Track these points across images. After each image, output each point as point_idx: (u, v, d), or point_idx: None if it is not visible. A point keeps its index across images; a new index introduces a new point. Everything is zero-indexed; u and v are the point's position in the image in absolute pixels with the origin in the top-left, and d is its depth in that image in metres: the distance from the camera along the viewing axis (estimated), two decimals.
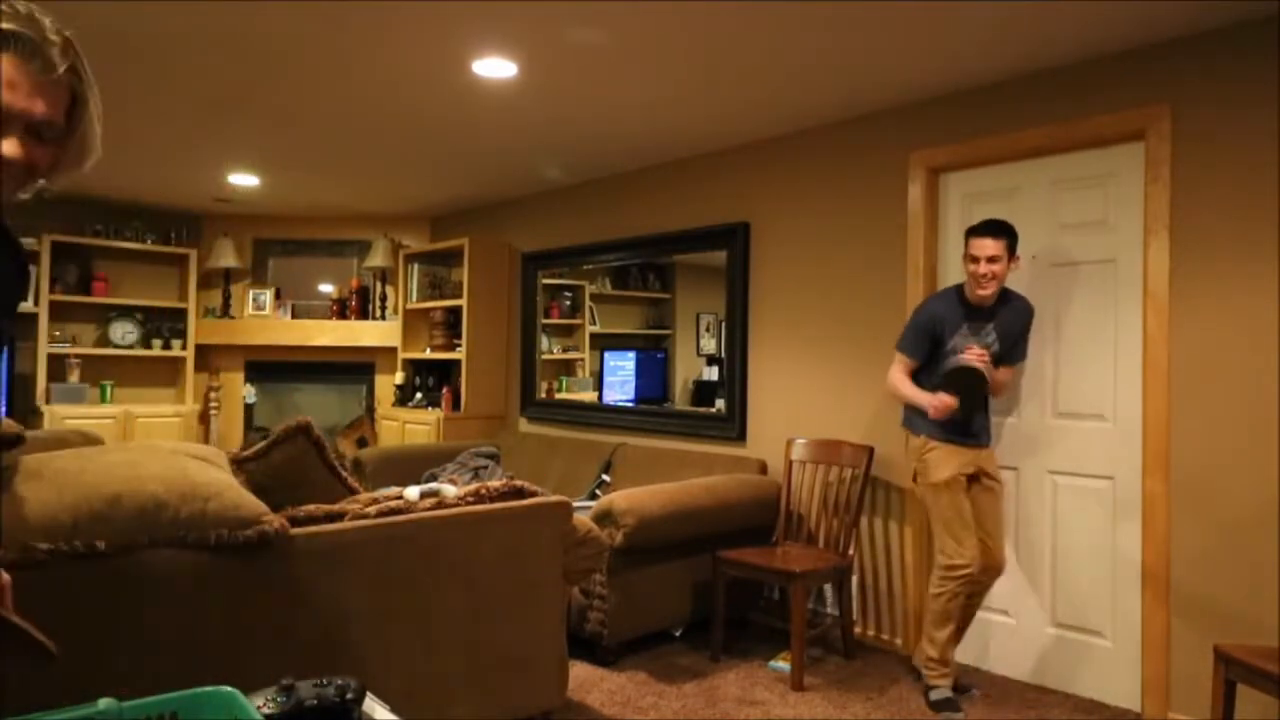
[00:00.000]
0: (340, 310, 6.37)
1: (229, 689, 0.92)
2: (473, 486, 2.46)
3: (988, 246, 2.85)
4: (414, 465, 4.89)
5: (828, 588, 3.76)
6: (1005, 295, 3.00)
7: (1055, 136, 3.09)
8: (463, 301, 5.59)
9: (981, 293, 2.91)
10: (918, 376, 3.08)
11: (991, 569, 3.00)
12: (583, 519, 2.70)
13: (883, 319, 3.61)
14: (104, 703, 0.87)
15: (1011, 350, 3.03)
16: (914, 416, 3.07)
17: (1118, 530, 3.01)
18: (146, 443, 2.03)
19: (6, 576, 1.06)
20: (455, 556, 2.32)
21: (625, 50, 2.98)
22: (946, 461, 2.96)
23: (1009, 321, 2.99)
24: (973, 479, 3.02)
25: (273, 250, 6.51)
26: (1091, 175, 3.08)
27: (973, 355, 2.89)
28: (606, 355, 4.97)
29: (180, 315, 6.23)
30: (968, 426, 3.00)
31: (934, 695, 2.95)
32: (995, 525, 3.00)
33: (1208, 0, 2.55)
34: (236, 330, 6.29)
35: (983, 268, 2.86)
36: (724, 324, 4.27)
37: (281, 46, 3.01)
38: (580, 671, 3.21)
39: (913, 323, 3.08)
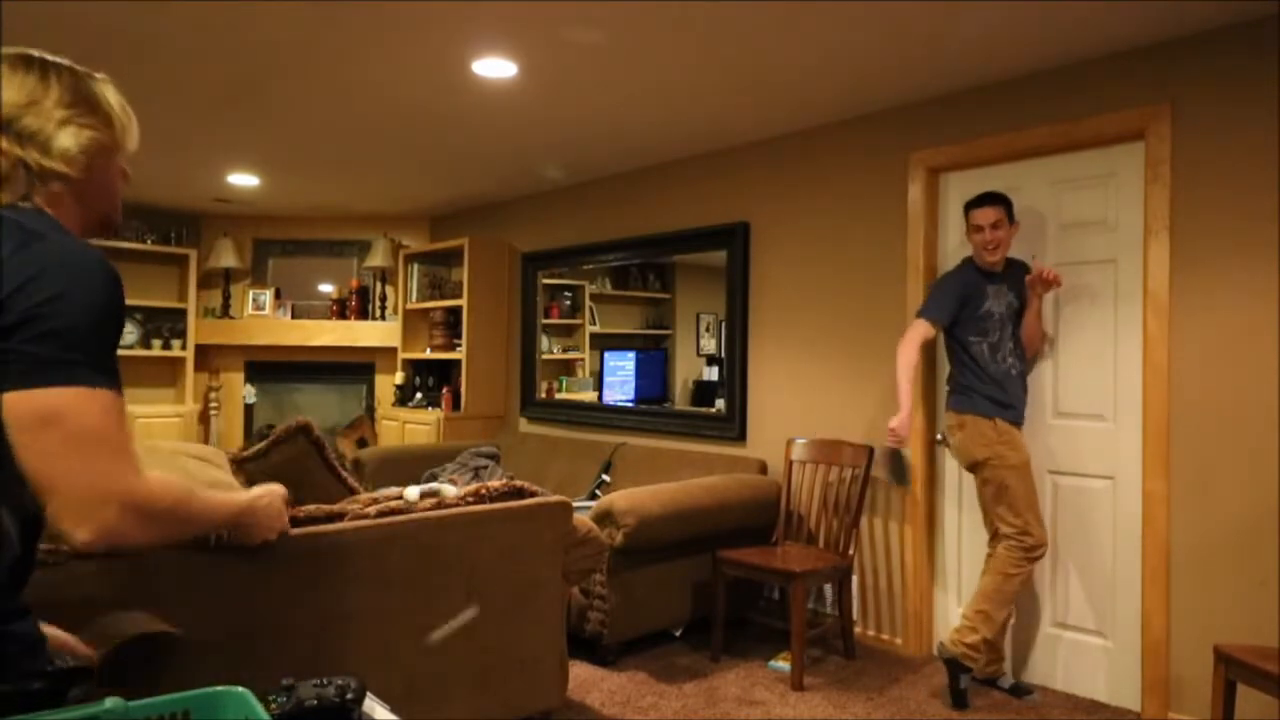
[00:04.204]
0: (340, 310, 6.36)
1: (240, 689, 0.91)
2: (473, 486, 2.46)
3: (989, 214, 3.02)
4: (414, 465, 4.89)
5: (828, 588, 3.76)
6: (1008, 260, 3.13)
7: (1055, 136, 3.08)
8: (463, 301, 5.59)
9: (991, 259, 3.06)
10: (948, 342, 3.16)
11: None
12: (583, 519, 2.70)
13: (883, 319, 3.61)
14: (110, 701, 0.87)
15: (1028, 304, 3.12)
16: (979, 399, 3.03)
17: (1118, 530, 3.01)
18: (146, 443, 2.03)
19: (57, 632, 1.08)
20: (455, 556, 2.32)
21: (625, 50, 2.98)
22: (1020, 445, 2.99)
23: (1019, 281, 3.10)
24: None
25: (273, 250, 6.51)
26: (1091, 175, 3.08)
27: (1052, 274, 2.94)
28: (606, 355, 4.97)
29: (180, 315, 6.23)
30: (1019, 405, 3.05)
31: (962, 682, 2.93)
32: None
33: (1208, 0, 2.55)
34: (236, 330, 6.29)
35: (988, 234, 3.02)
36: (724, 324, 4.27)
37: (282, 46, 3.01)
38: (580, 671, 3.21)
39: (943, 287, 3.12)
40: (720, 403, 4.26)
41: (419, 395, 6.01)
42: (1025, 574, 2.93)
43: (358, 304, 6.36)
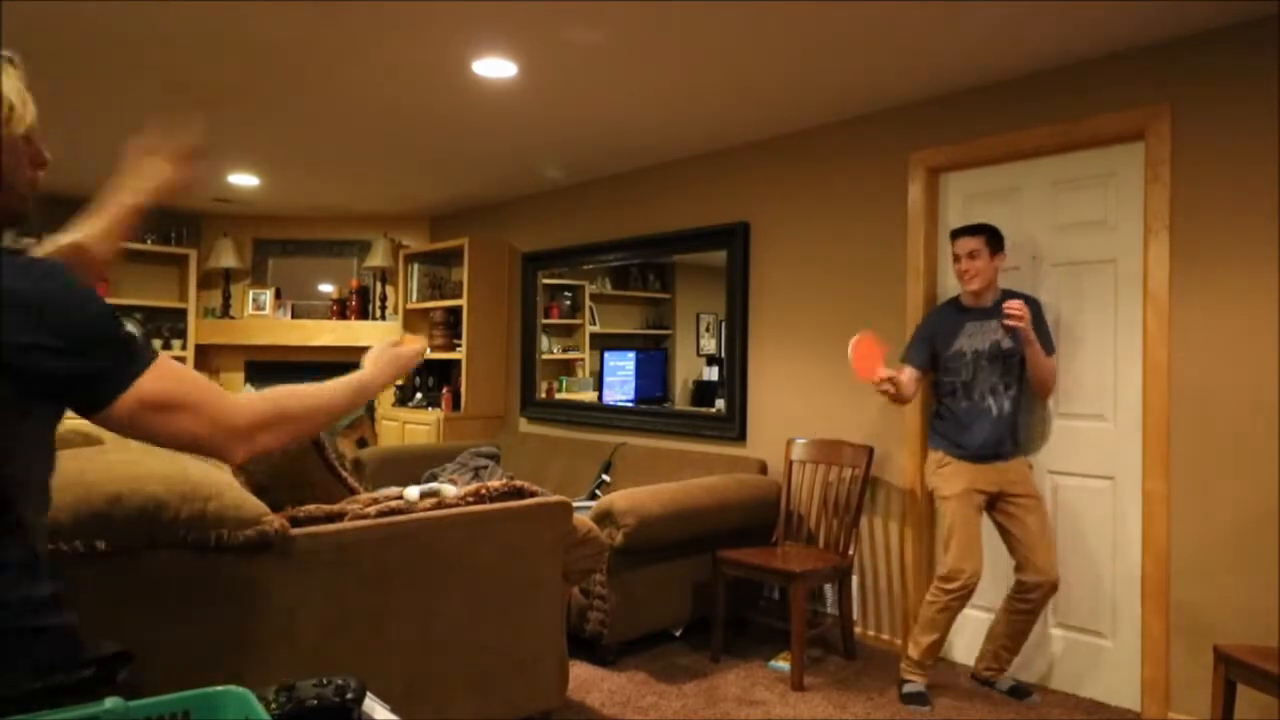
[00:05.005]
0: (340, 310, 6.36)
1: (240, 689, 0.91)
2: (473, 486, 2.46)
3: (966, 244, 3.00)
4: (414, 465, 4.89)
5: (828, 588, 3.76)
6: (1007, 295, 3.03)
7: (1055, 136, 3.08)
8: (463, 301, 5.59)
9: (968, 289, 3.02)
10: (937, 386, 3.16)
11: (1044, 585, 2.89)
12: (583, 519, 2.70)
13: (883, 319, 3.61)
14: (110, 702, 0.87)
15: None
16: (932, 433, 3.16)
17: (1118, 530, 3.01)
18: (146, 443, 2.03)
19: None
20: (455, 556, 2.32)
21: (625, 50, 2.98)
22: (957, 477, 3.00)
23: None
24: (997, 498, 2.99)
25: (273, 250, 6.51)
26: (1091, 175, 3.08)
27: (1014, 308, 2.81)
28: (606, 355, 4.97)
29: (180, 315, 6.23)
30: (981, 444, 2.98)
31: (906, 689, 3.02)
32: (1035, 541, 2.92)
33: (1208, 0, 2.55)
34: (236, 330, 6.28)
35: (964, 264, 3.00)
36: (724, 324, 4.27)
37: (281, 47, 3.01)
38: (580, 671, 3.21)
39: (916, 331, 3.22)
40: (720, 403, 4.26)
41: (419, 395, 6.01)
42: (940, 604, 2.92)
43: (358, 304, 6.36)
